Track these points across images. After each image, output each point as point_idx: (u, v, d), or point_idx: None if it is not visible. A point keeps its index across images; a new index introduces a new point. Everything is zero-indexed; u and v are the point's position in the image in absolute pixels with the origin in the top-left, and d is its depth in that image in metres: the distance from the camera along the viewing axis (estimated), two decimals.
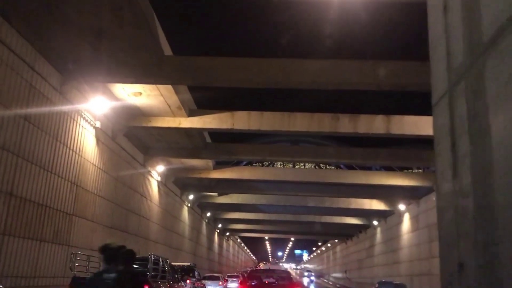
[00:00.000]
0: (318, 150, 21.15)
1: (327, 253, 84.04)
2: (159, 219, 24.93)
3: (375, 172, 25.67)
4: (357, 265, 51.23)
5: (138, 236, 21.12)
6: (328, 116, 17.21)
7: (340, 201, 34.19)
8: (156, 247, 24.26)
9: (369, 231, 44.88)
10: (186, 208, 32.54)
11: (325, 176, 25.43)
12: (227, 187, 30.54)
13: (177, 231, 29.81)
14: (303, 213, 40.08)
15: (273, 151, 21.26)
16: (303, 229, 52.71)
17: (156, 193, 24.26)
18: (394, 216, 34.94)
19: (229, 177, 26.09)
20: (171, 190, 27.48)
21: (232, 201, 34.56)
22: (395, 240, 35.12)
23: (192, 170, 25.76)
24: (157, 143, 21.06)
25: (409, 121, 17.06)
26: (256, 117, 17.29)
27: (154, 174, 23.44)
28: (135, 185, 20.69)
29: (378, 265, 40.57)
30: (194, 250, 36.26)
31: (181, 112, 16.93)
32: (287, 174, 25.62)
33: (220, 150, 21.77)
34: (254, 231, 57.37)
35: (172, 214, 28.29)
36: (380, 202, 33.83)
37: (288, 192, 30.10)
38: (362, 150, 21.21)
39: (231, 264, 66.40)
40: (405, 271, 32.09)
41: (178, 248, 30.00)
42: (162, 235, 25.66)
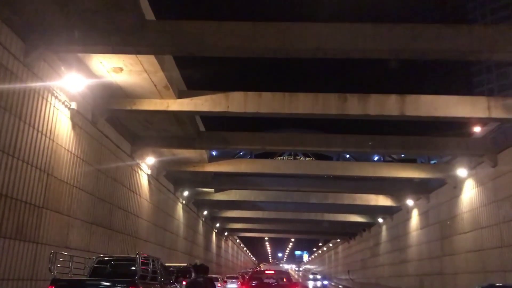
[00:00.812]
0: (323, 138, 19.24)
1: (328, 253, 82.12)
2: (150, 216, 23.01)
3: (382, 163, 23.79)
4: (360, 265, 49.32)
5: (125, 234, 19.20)
6: (335, 97, 15.32)
7: (344, 197, 32.28)
8: (146, 246, 22.36)
9: (373, 229, 42.99)
10: (181, 205, 30.61)
11: (328, 169, 23.54)
12: (224, 182, 28.62)
13: (171, 229, 27.89)
14: (305, 211, 38.15)
15: (273, 140, 19.35)
16: (304, 228, 50.77)
17: (146, 188, 22.34)
18: (401, 213, 33.04)
19: (225, 170, 24.18)
20: (163, 185, 25.55)
21: (229, 198, 32.64)
22: (402, 238, 33.22)
23: (185, 163, 23.85)
24: (145, 131, 19.14)
25: (425, 101, 15.18)
26: (253, 99, 15.39)
27: (143, 166, 21.52)
28: (121, 178, 18.76)
29: (384, 264, 38.65)
30: (190, 250, 34.32)
31: (169, 93, 15.03)
32: (288, 167, 23.72)
33: (215, 139, 19.87)
34: (254, 231, 55.31)
35: (165, 211, 26.36)
36: (386, 198, 31.92)
37: (289, 187, 28.18)
38: (370, 138, 19.32)
39: (230, 265, 64.45)
40: (414, 270, 30.18)
41: (172, 248, 28.07)
42: (153, 233, 23.73)
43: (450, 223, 23.87)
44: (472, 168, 21.07)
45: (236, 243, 75.63)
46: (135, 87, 14.72)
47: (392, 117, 15.56)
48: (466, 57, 12.09)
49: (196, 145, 19.73)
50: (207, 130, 20.43)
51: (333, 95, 15.32)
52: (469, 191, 21.72)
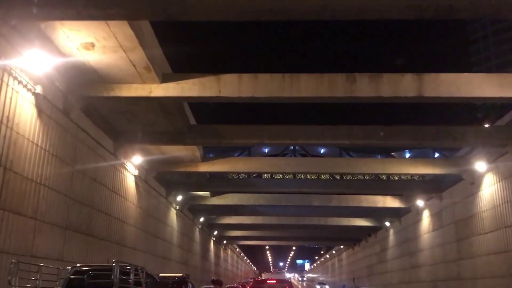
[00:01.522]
0: (328, 129, 17.23)
1: (331, 261, 79.76)
2: (138, 222, 20.92)
3: (391, 159, 21.75)
4: (366, 272, 47.09)
5: (108, 241, 17.09)
6: (342, 77, 13.33)
7: (349, 198, 30.21)
8: (135, 255, 20.25)
9: (379, 234, 40.84)
10: (174, 211, 28.49)
11: (333, 166, 21.52)
12: (220, 184, 26.53)
13: (163, 237, 25.75)
14: (307, 215, 36.04)
15: (273, 133, 17.33)
16: (306, 234, 48.57)
17: (134, 191, 20.27)
18: (411, 215, 30.95)
19: (221, 170, 22.13)
20: (153, 188, 23.46)
21: (227, 202, 30.54)
22: (412, 241, 31.10)
23: (176, 162, 21.80)
24: (128, 125, 17.10)
25: (446, 80, 13.20)
26: (248, 81, 13.40)
27: (129, 166, 19.47)
28: (102, 178, 16.70)
29: (392, 270, 36.46)
30: (186, 260, 32.13)
31: (151, 75, 13.05)
32: (289, 165, 21.68)
33: (207, 133, 17.84)
34: (254, 238, 52.99)
35: (156, 217, 24.26)
36: (394, 199, 29.84)
37: (290, 188, 26.11)
38: (381, 128, 17.33)
39: (230, 275, 62.07)
40: (427, 276, 28.03)
41: (165, 257, 25.92)
42: (143, 241, 21.62)
43: (468, 223, 21.82)
44: (493, 161, 19.05)
45: (236, 252, 73.28)
46: (111, 69, 12.73)
47: (408, 99, 13.57)
48: (499, 13, 10.16)
49: (186, 141, 17.71)
50: (199, 123, 18.41)
51: (340, 76, 13.35)
52: (489, 187, 19.68)
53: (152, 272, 23.19)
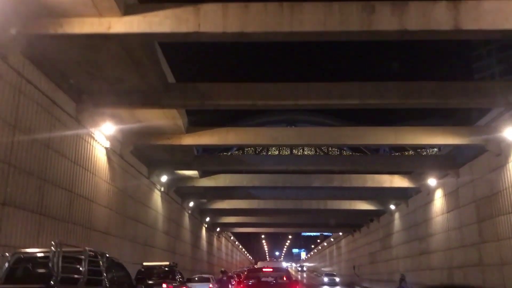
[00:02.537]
0: (335, 87, 14.26)
1: (329, 249, 77.29)
2: (112, 203, 17.94)
3: (406, 128, 18.79)
4: (368, 260, 44.44)
5: (69, 222, 14.10)
6: (357, 6, 10.34)
7: (353, 178, 27.32)
8: (107, 240, 17.31)
9: (383, 219, 38.10)
10: (159, 193, 25.52)
11: (339, 137, 18.55)
12: (208, 162, 23.55)
13: (145, 221, 22.79)
14: (306, 197, 33.14)
15: (268, 93, 14.33)
16: (304, 220, 45.77)
17: (105, 166, 17.25)
18: (420, 196, 28.12)
19: (208, 143, 19.13)
20: (131, 165, 20.45)
21: (218, 184, 27.55)
22: (421, 225, 28.30)
23: (156, 134, 18.78)
24: (92, 82, 14.02)
25: (490, 9, 10.22)
26: (236, 13, 10.39)
27: (98, 136, 16.43)
28: (60, 146, 13.66)
29: (398, 257, 33.74)
30: (173, 247, 29.25)
31: (109, 5, 10.01)
32: (287, 136, 18.70)
33: (188, 93, 14.77)
34: (249, 225, 50.06)
35: (135, 199, 21.29)
36: (403, 178, 26.98)
37: (287, 165, 23.16)
38: (398, 84, 14.38)
39: (224, 265, 59.35)
40: (439, 262, 25.26)
41: (147, 244, 22.98)
42: (118, 225, 18.66)
43: (492, 201, 19.01)
44: None
45: (231, 240, 70.57)
46: None
47: (441, 34, 10.56)
48: None
49: (163, 102, 14.67)
50: (179, 81, 15.33)
51: (355, 4, 10.35)
52: None
53: (132, 260, 20.33)
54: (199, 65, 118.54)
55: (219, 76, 49.43)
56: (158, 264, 17.71)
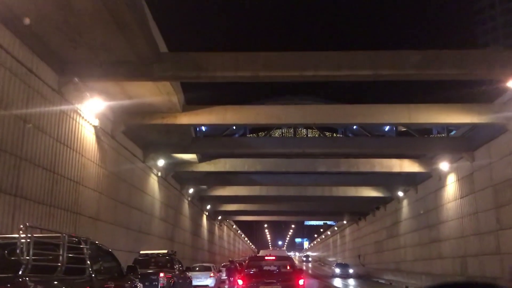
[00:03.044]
0: (346, 56, 12.82)
1: (333, 238, 76.18)
2: (102, 186, 16.63)
3: (420, 105, 17.31)
4: (374, 249, 43.20)
5: (52, 206, 12.80)
6: None
7: (360, 163, 25.96)
8: (96, 226, 16.03)
9: (390, 206, 36.76)
10: (156, 177, 24.22)
11: (347, 115, 17.12)
12: (208, 145, 22.19)
13: (140, 207, 21.51)
14: (311, 183, 31.80)
15: (272, 62, 12.90)
16: (308, 208, 44.48)
17: (93, 145, 15.90)
18: (431, 181, 26.73)
19: (205, 122, 17.77)
20: (124, 147, 19.11)
21: (218, 169, 26.22)
22: (432, 212, 26.94)
23: (150, 112, 17.40)
24: (74, 51, 12.59)
25: None
26: None
27: (85, 113, 15.06)
28: (38, 120, 12.31)
29: (407, 246, 32.45)
30: (172, 235, 28.02)
31: None
32: (291, 114, 17.27)
33: (183, 63, 13.35)
34: (251, 213, 48.83)
35: (129, 183, 19.98)
36: (413, 163, 25.62)
37: (291, 148, 21.77)
38: (416, 53, 12.91)
39: (226, 254, 58.33)
40: (452, 251, 23.94)
41: (142, 231, 21.72)
42: (109, 210, 17.36)
43: None
44: None
45: (233, 229, 69.49)
46: None
47: None
48: None
49: (154, 73, 13.25)
50: (171, 50, 13.89)
51: None
52: None
53: (126, 248, 19.09)
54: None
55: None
56: (156, 252, 16.65)
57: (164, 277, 14.19)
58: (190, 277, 18.47)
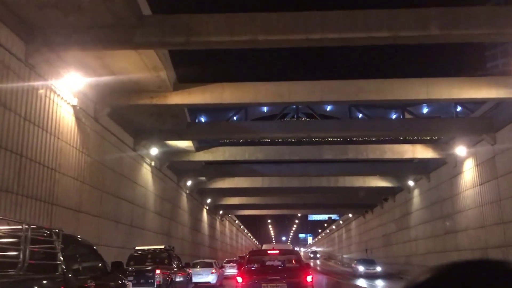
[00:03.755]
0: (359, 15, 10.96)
1: (338, 232, 74.41)
2: (84, 174, 14.82)
3: (438, 79, 15.41)
4: (382, 242, 41.40)
5: (18, 194, 11.01)
6: None
7: (369, 149, 24.11)
8: (78, 219, 14.25)
9: (399, 197, 34.93)
10: (149, 168, 22.43)
11: (358, 91, 15.17)
12: (204, 130, 20.37)
13: (132, 199, 19.71)
14: (315, 174, 29.99)
15: (271, 25, 11.06)
16: (313, 200, 42.65)
17: (73, 128, 14.09)
18: (445, 168, 24.87)
19: (200, 102, 15.89)
20: (110, 132, 17.28)
21: (216, 158, 24.39)
22: (447, 201, 25.09)
23: (137, 91, 15.56)
24: (41, 12, 10.75)
25: None
26: None
27: (62, 91, 13.24)
28: (4, 99, 10.52)
29: (418, 238, 30.62)
30: (168, 230, 26.26)
31: None
32: (296, 91, 15.33)
33: (170, 27, 11.48)
34: (253, 207, 46.96)
35: (118, 172, 18.18)
36: (426, 148, 23.75)
37: (295, 131, 19.90)
38: (442, 10, 11.04)
39: (229, 249, 56.62)
40: (470, 242, 22.10)
41: (134, 225, 19.95)
42: (92, 200, 15.56)
43: None
44: None
45: (235, 224, 67.75)
46: None
47: None
48: None
49: (136, 39, 11.38)
50: (156, 12, 12.01)
51: None
52: None
53: (115, 243, 17.33)
54: None
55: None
56: (152, 248, 15.52)
57: (160, 274, 13.04)
58: (189, 274, 17.28)
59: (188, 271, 17.30)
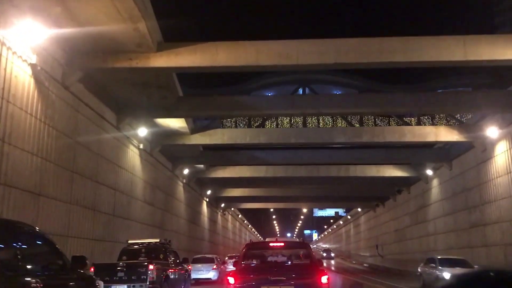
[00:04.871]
0: None
1: (345, 227, 71.69)
2: (45, 149, 12.19)
3: (481, 37, 12.64)
4: (394, 238, 38.65)
5: None
6: None
7: (386, 132, 21.46)
8: (38, 203, 11.62)
9: (415, 188, 32.18)
10: (137, 151, 19.82)
11: (380, 52, 12.43)
12: (198, 105, 17.65)
13: (113, 184, 17.06)
14: (324, 162, 27.32)
15: None
16: (320, 193, 39.88)
17: (28, 91, 11.44)
18: (471, 154, 22.08)
19: (189, 65, 13.20)
20: (84, 103, 14.60)
21: (213, 141, 21.71)
22: (473, 191, 22.30)
23: (113, 52, 12.88)
24: None
25: None
26: None
27: (12, 42, 10.59)
28: None
29: (437, 233, 27.86)
30: (161, 222, 23.66)
31: None
32: (304, 52, 12.57)
33: None
34: (256, 199, 44.10)
35: (92, 150, 15.53)
36: (451, 130, 21.06)
37: (304, 107, 17.15)
38: None
39: (231, 245, 54.04)
40: (503, 237, 19.31)
41: (117, 215, 17.33)
42: (58, 182, 12.93)
43: None
44: None
45: (238, 219, 65.15)
46: None
47: None
48: None
49: None
50: None
51: None
52: None
53: (92, 235, 14.81)
54: None
55: None
56: (146, 241, 14.35)
57: (154, 269, 11.63)
58: (187, 270, 15.68)
59: (187, 267, 15.77)
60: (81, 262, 6.37)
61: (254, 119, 28.83)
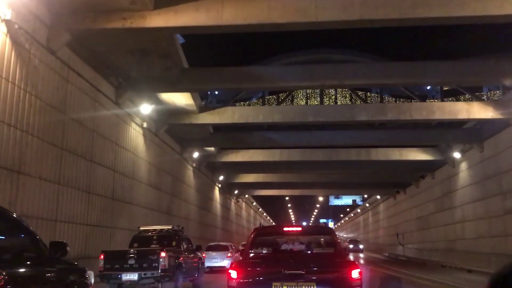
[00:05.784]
0: None
1: (363, 216, 69.73)
2: (23, 120, 10.66)
3: None
4: (416, 226, 36.66)
5: None
6: None
7: (413, 108, 19.51)
8: (18, 183, 10.10)
9: (439, 173, 30.11)
10: (140, 130, 18.26)
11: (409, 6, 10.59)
12: (205, 77, 15.89)
13: (111, 165, 15.52)
14: (343, 144, 25.46)
15: None
16: (339, 179, 37.97)
17: (2, 53, 9.88)
18: (508, 132, 19.99)
19: (191, 24, 11.45)
20: (72, 69, 13.00)
21: (224, 120, 19.97)
22: (508, 174, 20.21)
23: (104, 11, 11.22)
24: None
25: None
26: None
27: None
28: None
29: (465, 220, 25.84)
30: (169, 208, 22.15)
31: None
32: (323, 6, 10.74)
33: None
34: (271, 186, 42.30)
35: (85, 125, 13.98)
36: (485, 106, 18.99)
37: (324, 79, 15.29)
38: None
39: (245, 233, 52.60)
40: None
41: (117, 198, 15.81)
42: (44, 159, 11.40)
43: None
44: None
45: (253, 206, 63.67)
46: None
47: None
48: None
49: None
50: None
51: None
52: None
53: (85, 220, 13.28)
54: None
55: None
56: (159, 228, 13.80)
57: (166, 257, 11.08)
58: (201, 258, 14.68)
59: (200, 255, 14.86)
60: (61, 249, 4.92)
61: (268, 102, 27.01)
